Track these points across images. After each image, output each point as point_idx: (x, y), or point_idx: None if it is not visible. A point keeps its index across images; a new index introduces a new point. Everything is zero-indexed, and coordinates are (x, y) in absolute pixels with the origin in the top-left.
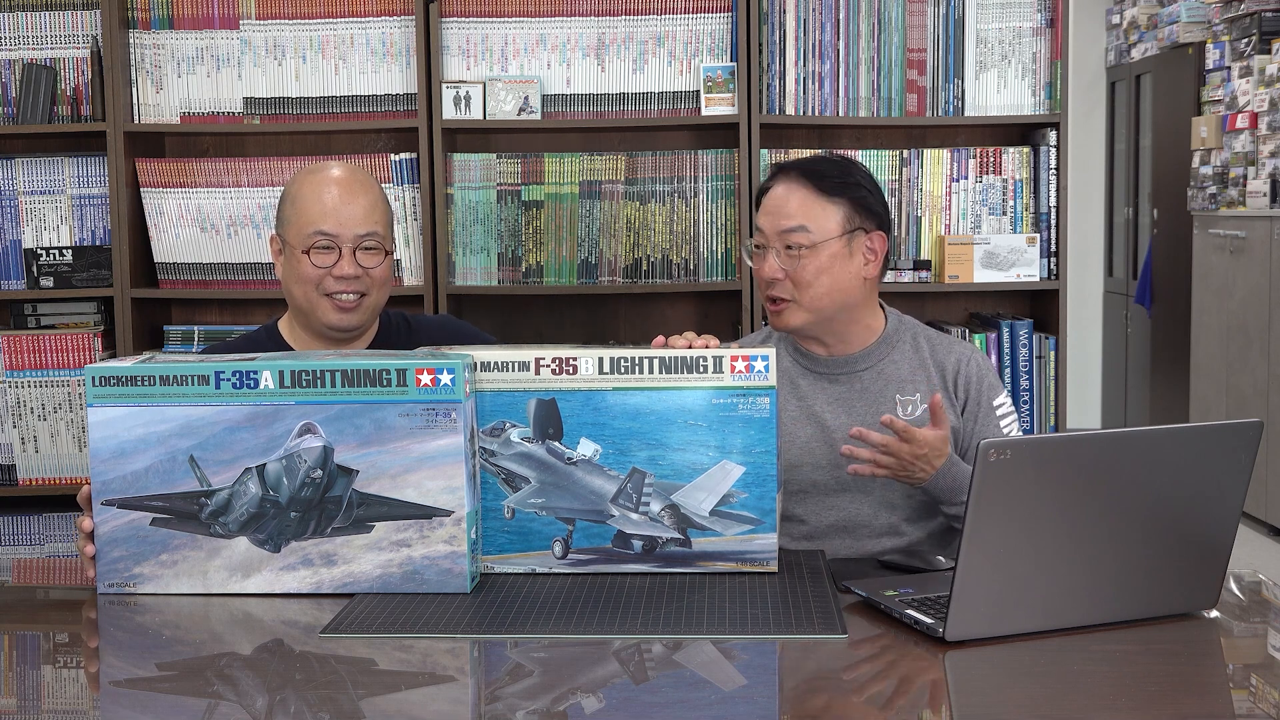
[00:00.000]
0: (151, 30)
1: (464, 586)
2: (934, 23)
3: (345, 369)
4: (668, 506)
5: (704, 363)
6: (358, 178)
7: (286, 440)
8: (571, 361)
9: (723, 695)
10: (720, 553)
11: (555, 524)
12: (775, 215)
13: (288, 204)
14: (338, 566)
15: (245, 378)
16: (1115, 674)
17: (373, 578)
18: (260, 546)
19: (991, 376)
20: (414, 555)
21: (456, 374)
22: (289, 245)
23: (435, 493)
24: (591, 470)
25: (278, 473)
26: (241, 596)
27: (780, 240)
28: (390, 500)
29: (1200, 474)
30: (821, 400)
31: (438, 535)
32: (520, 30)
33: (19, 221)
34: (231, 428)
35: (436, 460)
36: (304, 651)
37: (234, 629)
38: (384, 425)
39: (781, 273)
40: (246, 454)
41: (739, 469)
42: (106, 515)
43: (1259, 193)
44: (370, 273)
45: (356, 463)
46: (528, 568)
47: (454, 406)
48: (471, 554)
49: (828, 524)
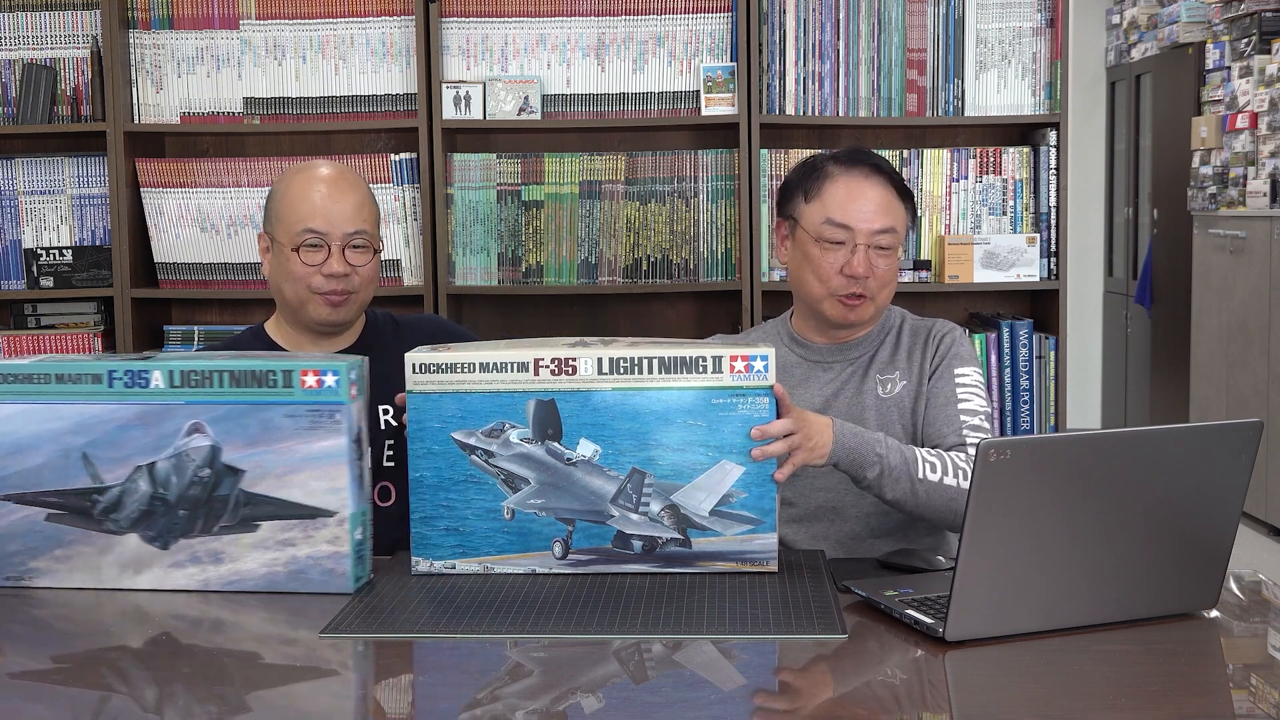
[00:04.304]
0: (151, 30)
1: (347, 587)
2: (934, 23)
3: (233, 369)
4: (667, 506)
5: (703, 363)
6: (346, 176)
7: (176, 439)
8: (571, 362)
9: (723, 695)
10: (720, 553)
11: (555, 524)
12: (869, 214)
13: (276, 202)
14: (225, 564)
15: (136, 377)
16: (1115, 674)
17: (259, 576)
18: (150, 543)
19: (964, 350)
20: (299, 555)
21: (341, 376)
22: (278, 243)
23: (320, 493)
24: (591, 471)
25: (167, 471)
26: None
27: (872, 239)
28: (275, 500)
29: (1200, 474)
30: (814, 386)
31: (321, 535)
32: (520, 30)
33: (19, 221)
34: (123, 426)
35: (321, 461)
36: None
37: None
38: (270, 426)
39: (871, 270)
40: (137, 452)
41: (738, 469)
42: (3, 510)
43: (1259, 193)
44: (359, 271)
45: (243, 462)
46: (528, 568)
47: (338, 409)
48: (357, 555)
49: (815, 505)
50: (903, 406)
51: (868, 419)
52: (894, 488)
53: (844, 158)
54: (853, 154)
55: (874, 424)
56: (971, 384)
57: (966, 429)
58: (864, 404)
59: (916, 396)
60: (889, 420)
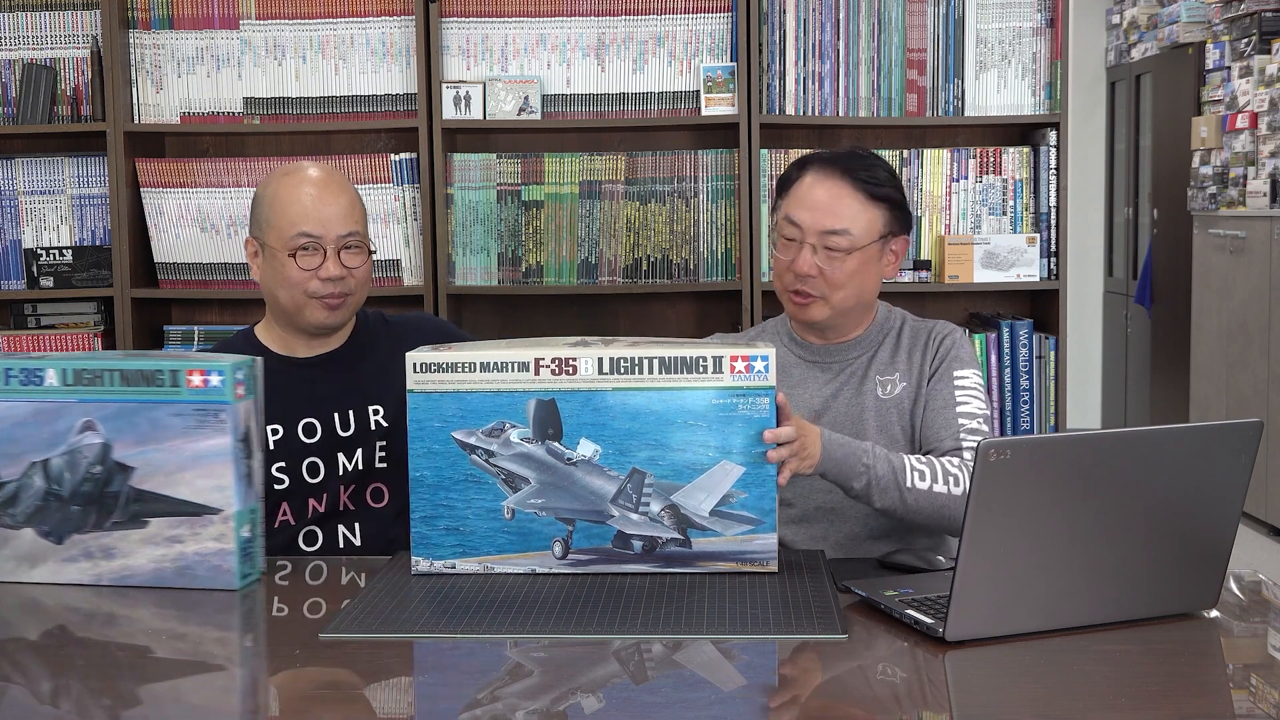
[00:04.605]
0: (151, 30)
1: (233, 583)
2: (934, 23)
3: (123, 369)
4: (667, 507)
5: (704, 363)
6: (335, 177)
7: (69, 436)
8: (571, 362)
9: (723, 695)
10: (720, 553)
11: (555, 524)
12: (818, 212)
13: (265, 206)
14: (116, 560)
15: (31, 375)
16: (1115, 674)
17: (148, 571)
18: (45, 538)
19: (964, 353)
20: (186, 551)
21: (226, 376)
22: (270, 248)
23: (206, 491)
24: (591, 470)
25: (60, 468)
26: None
27: (820, 239)
28: (164, 497)
29: (1200, 474)
30: (812, 387)
31: (208, 533)
32: (520, 30)
33: (19, 221)
34: (19, 422)
35: (207, 459)
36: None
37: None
38: (159, 424)
39: (816, 270)
40: (33, 448)
41: (739, 469)
42: None
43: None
44: (354, 273)
45: (133, 460)
46: (528, 568)
47: (223, 408)
48: (244, 552)
49: (815, 506)
50: (902, 408)
51: (866, 420)
52: (882, 497)
53: (826, 157)
54: (835, 155)
55: (873, 425)
56: (971, 386)
57: (964, 433)
58: (863, 405)
59: (915, 398)
60: (888, 422)
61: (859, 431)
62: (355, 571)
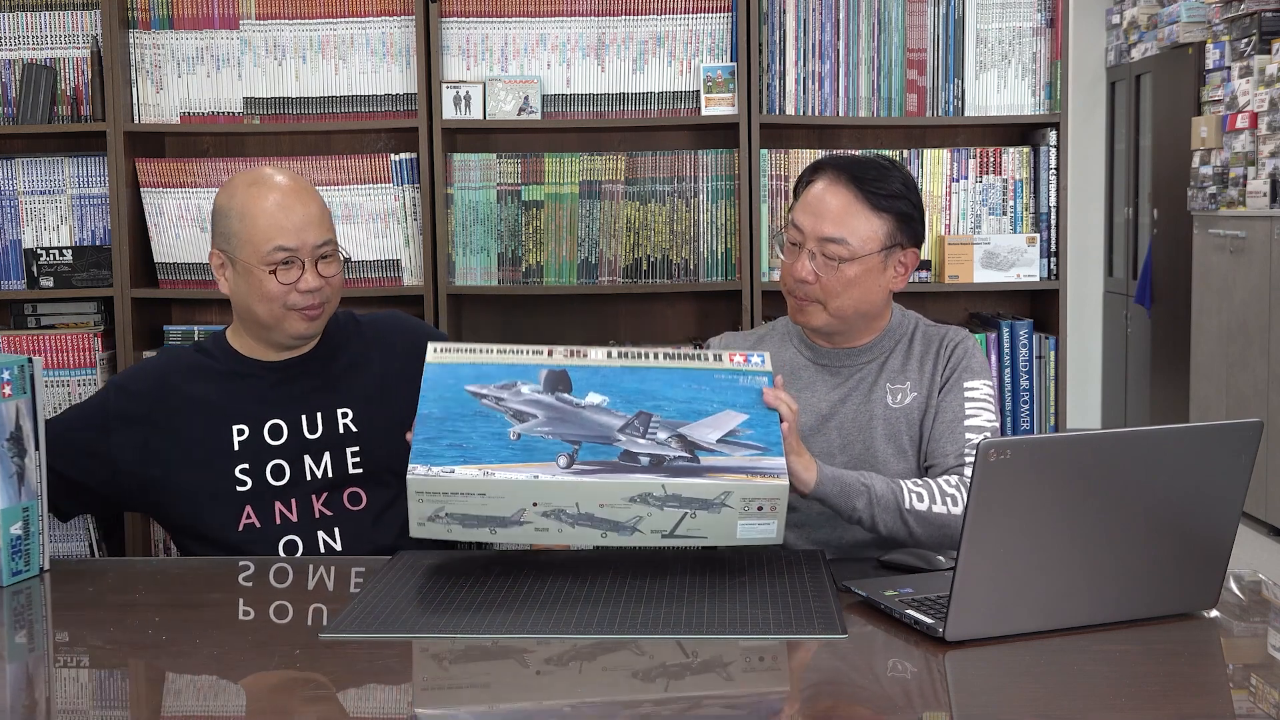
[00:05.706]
0: (151, 30)
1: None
2: (934, 23)
3: None
4: (675, 435)
5: (704, 357)
6: (301, 184)
7: None
8: (581, 351)
9: (723, 695)
10: (729, 468)
11: (561, 444)
12: (818, 218)
13: (235, 220)
14: None
15: None
16: (1115, 674)
17: None
18: None
19: (975, 362)
20: None
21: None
22: (243, 262)
23: None
24: (599, 411)
25: None
26: None
27: (819, 245)
28: None
29: (1200, 474)
30: (820, 390)
31: None
32: (520, 30)
33: (19, 221)
34: None
35: None
36: None
37: None
38: None
39: (813, 276)
40: None
41: (743, 415)
42: None
43: (1259, 193)
44: (330, 281)
45: None
46: (530, 475)
47: None
48: (12, 550)
49: (817, 511)
50: (911, 418)
51: (874, 427)
52: (884, 515)
53: (839, 164)
54: (849, 161)
55: (880, 433)
56: (981, 398)
57: (968, 449)
58: (871, 413)
59: (926, 409)
60: (896, 431)
61: (866, 438)
62: (355, 572)
